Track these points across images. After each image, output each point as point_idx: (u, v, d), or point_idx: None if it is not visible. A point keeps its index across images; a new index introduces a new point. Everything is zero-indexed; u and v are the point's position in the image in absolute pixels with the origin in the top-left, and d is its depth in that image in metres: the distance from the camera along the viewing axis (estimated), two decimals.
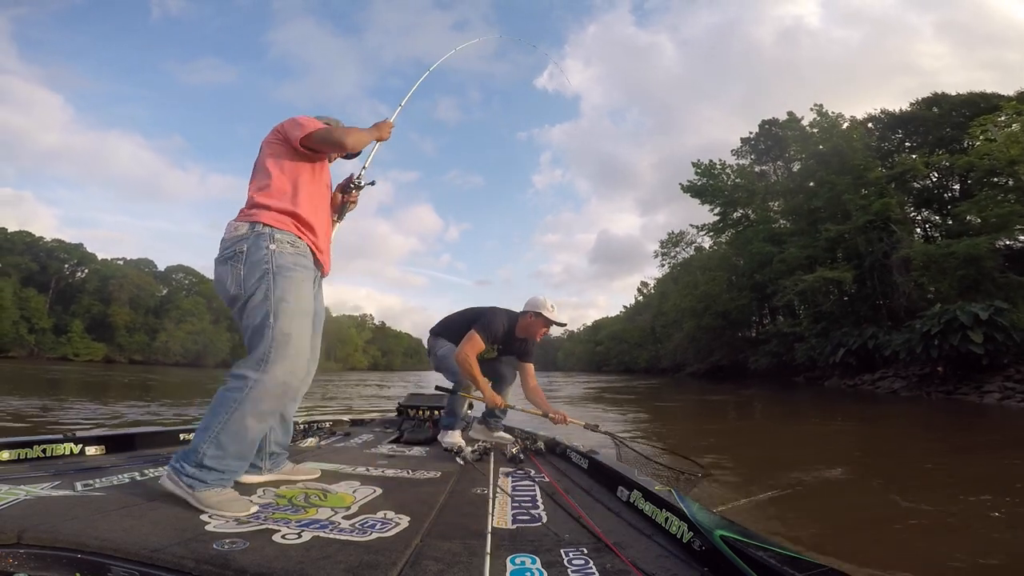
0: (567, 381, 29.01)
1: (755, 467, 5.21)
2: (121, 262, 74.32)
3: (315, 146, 2.28)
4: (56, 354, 59.76)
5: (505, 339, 3.82)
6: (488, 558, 1.45)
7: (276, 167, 2.22)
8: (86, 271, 69.95)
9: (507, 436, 3.82)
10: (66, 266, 68.96)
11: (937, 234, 27.45)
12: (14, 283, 59.40)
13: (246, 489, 2.14)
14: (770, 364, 30.22)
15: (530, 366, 3.95)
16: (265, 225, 2.09)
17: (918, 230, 28.45)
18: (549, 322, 3.78)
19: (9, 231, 65.67)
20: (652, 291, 64.13)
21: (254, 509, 1.84)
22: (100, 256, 72.85)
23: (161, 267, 78.62)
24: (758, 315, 38.29)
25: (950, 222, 25.50)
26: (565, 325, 3.79)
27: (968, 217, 21.39)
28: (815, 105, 33.04)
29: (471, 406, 4.53)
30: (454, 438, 3.56)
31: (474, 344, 3.57)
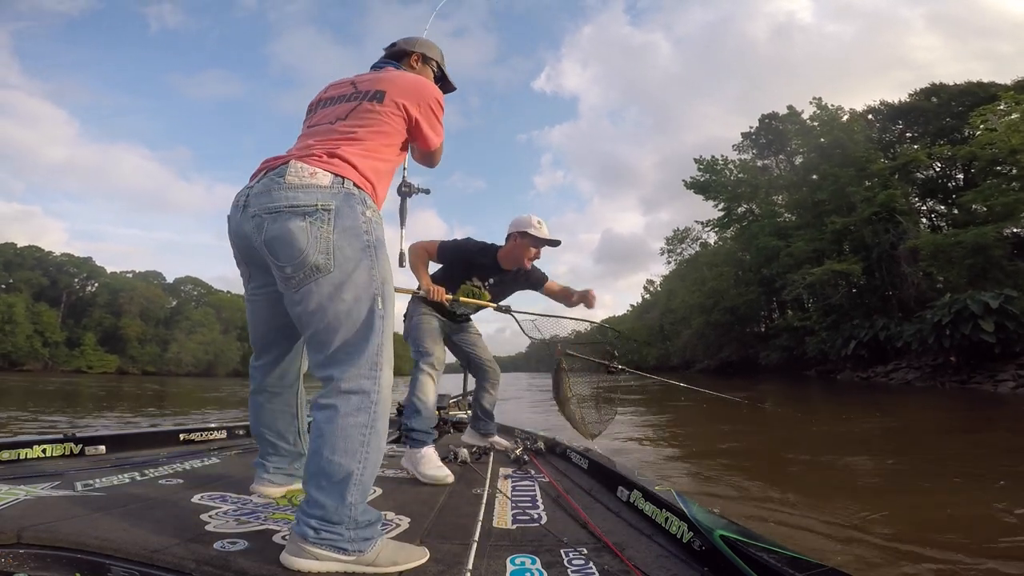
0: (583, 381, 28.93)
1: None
2: (130, 275, 74.87)
3: (435, 157, 2.00)
4: (70, 367, 60.29)
5: (486, 268, 3.22)
6: (488, 559, 1.46)
7: (384, 139, 1.70)
8: (96, 285, 70.51)
9: (501, 441, 3.45)
10: (76, 280, 69.57)
11: (943, 223, 27.61)
12: (26, 298, 59.98)
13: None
14: (781, 358, 30.38)
15: (550, 283, 3.45)
16: (355, 185, 1.56)
17: (924, 220, 28.57)
18: (538, 241, 3.12)
19: (19, 246, 66.30)
20: (659, 288, 64.33)
21: (427, 557, 1.48)
22: (109, 269, 73.51)
23: (169, 279, 79.19)
24: (766, 309, 38.43)
25: (955, 211, 25.65)
26: (558, 244, 3.20)
27: (974, 206, 21.53)
28: (814, 99, 33.31)
29: (460, 407, 4.40)
30: (428, 464, 2.58)
31: (427, 244, 3.13)
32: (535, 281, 3.41)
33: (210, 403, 14.36)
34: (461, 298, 3.08)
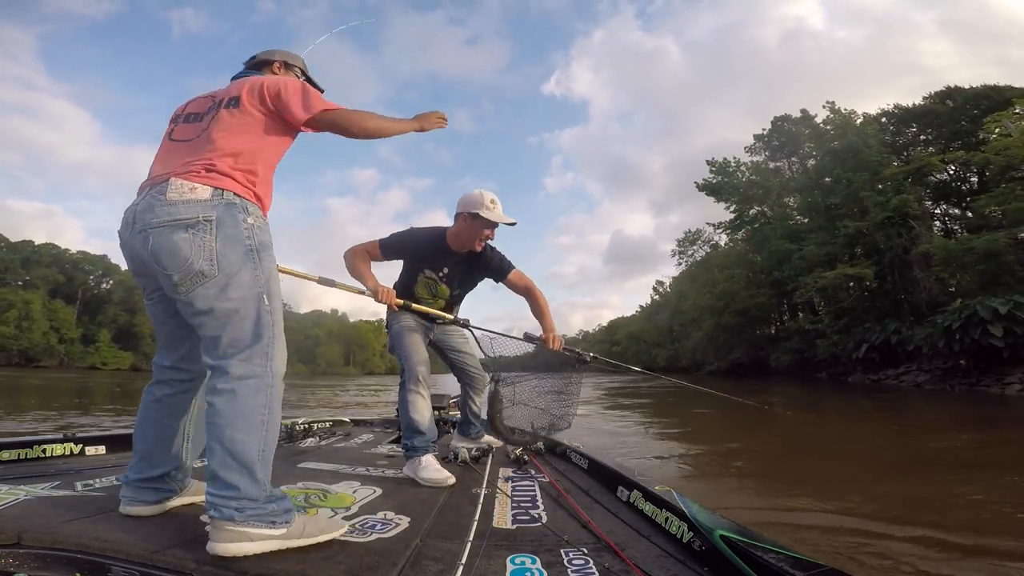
0: (590, 382, 28.71)
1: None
2: None
3: (323, 129, 1.87)
4: (85, 363, 61.11)
5: (436, 256, 2.95)
6: (488, 558, 1.46)
7: (253, 140, 1.75)
8: (111, 282, 71.43)
9: (495, 440, 3.37)
10: (91, 277, 70.55)
11: (957, 227, 27.56)
12: (43, 295, 60.88)
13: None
14: (791, 361, 30.40)
15: (515, 273, 3.07)
16: (236, 195, 1.65)
17: (937, 223, 28.56)
18: (489, 223, 2.79)
19: (36, 243, 67.32)
20: (668, 290, 64.31)
21: (346, 527, 1.66)
22: (124, 267, 74.28)
23: None
24: (777, 312, 38.40)
25: (969, 214, 25.60)
26: (514, 224, 2.87)
27: (988, 210, 21.45)
28: (827, 103, 33.37)
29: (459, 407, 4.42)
30: (428, 468, 2.57)
31: (367, 245, 2.89)
32: (496, 269, 3.05)
33: None
34: (413, 305, 2.86)
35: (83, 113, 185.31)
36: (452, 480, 2.50)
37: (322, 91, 1.96)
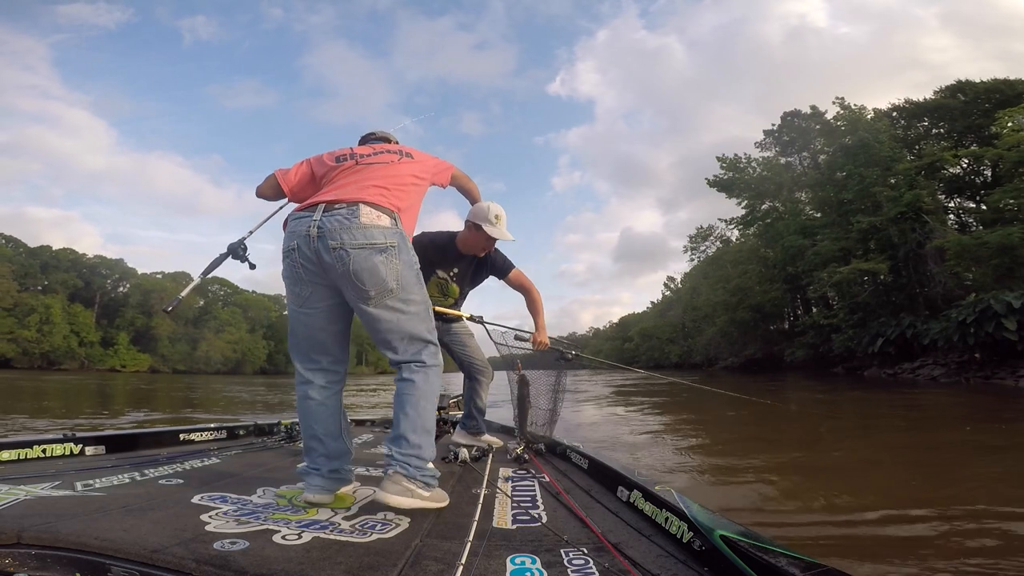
0: (600, 380, 27.87)
1: None
2: (160, 275, 76.69)
3: (459, 182, 2.67)
4: (104, 366, 62.26)
5: (447, 259, 3.23)
6: (488, 558, 1.46)
7: (416, 198, 2.25)
8: (128, 285, 72.48)
9: (495, 440, 3.50)
10: (108, 281, 71.60)
11: (971, 220, 27.62)
12: (62, 299, 61.88)
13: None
14: (806, 356, 30.63)
15: (515, 272, 3.34)
16: (402, 227, 2.10)
17: (951, 216, 28.55)
18: (491, 241, 3.09)
19: (54, 248, 68.34)
20: (679, 286, 64.42)
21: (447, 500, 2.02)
22: (140, 271, 75.47)
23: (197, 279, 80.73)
24: (791, 307, 38.58)
25: (983, 207, 25.73)
26: (513, 240, 3.07)
27: (1002, 204, 21.56)
28: (837, 98, 33.40)
29: (460, 407, 4.33)
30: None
31: None
32: (499, 268, 3.34)
33: (250, 405, 14.11)
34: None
35: (99, 122, 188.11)
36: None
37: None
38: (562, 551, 1.52)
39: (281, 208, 2.50)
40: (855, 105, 32.60)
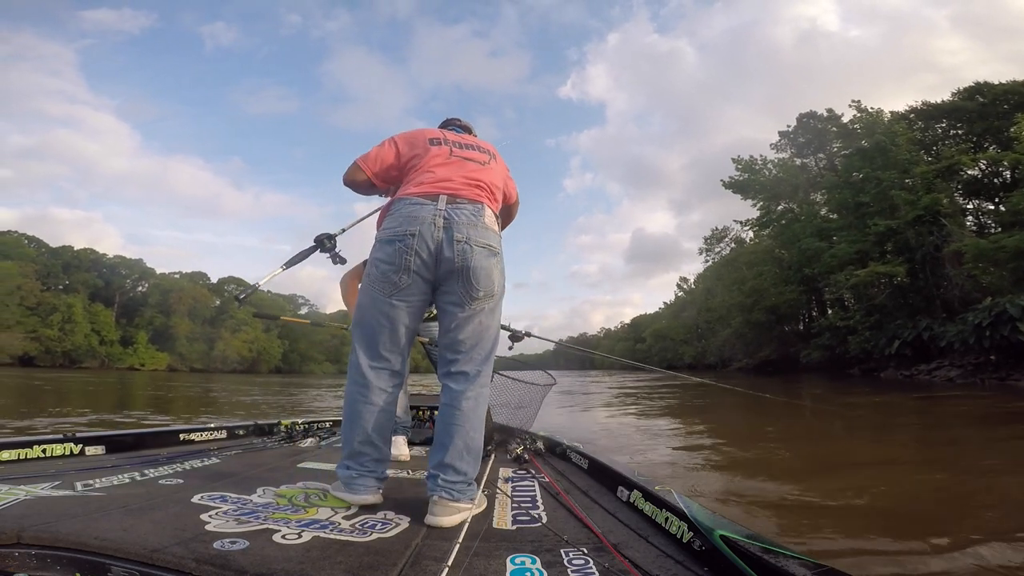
0: (615, 381, 26.78)
1: None
2: (178, 275, 77.67)
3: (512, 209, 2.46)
4: (124, 364, 63.10)
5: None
6: (488, 558, 1.46)
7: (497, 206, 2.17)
8: (147, 285, 73.57)
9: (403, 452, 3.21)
10: (128, 281, 72.71)
11: (990, 221, 27.62)
12: (83, 298, 62.97)
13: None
14: (822, 357, 30.72)
15: None
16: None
17: (970, 218, 28.59)
18: None
19: (75, 248, 69.55)
20: (692, 287, 64.40)
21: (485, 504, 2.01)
22: (159, 271, 76.58)
23: (213, 279, 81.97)
24: (807, 309, 38.59)
25: (1003, 208, 25.71)
26: None
27: (1022, 206, 21.57)
28: (853, 101, 33.55)
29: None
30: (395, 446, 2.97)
31: (360, 270, 2.97)
32: None
33: (270, 407, 13.67)
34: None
35: (123, 126, 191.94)
36: (407, 457, 2.98)
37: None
38: (562, 551, 1.53)
39: (375, 211, 2.42)
40: (872, 108, 32.69)
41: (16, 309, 56.05)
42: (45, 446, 2.66)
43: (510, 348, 3.50)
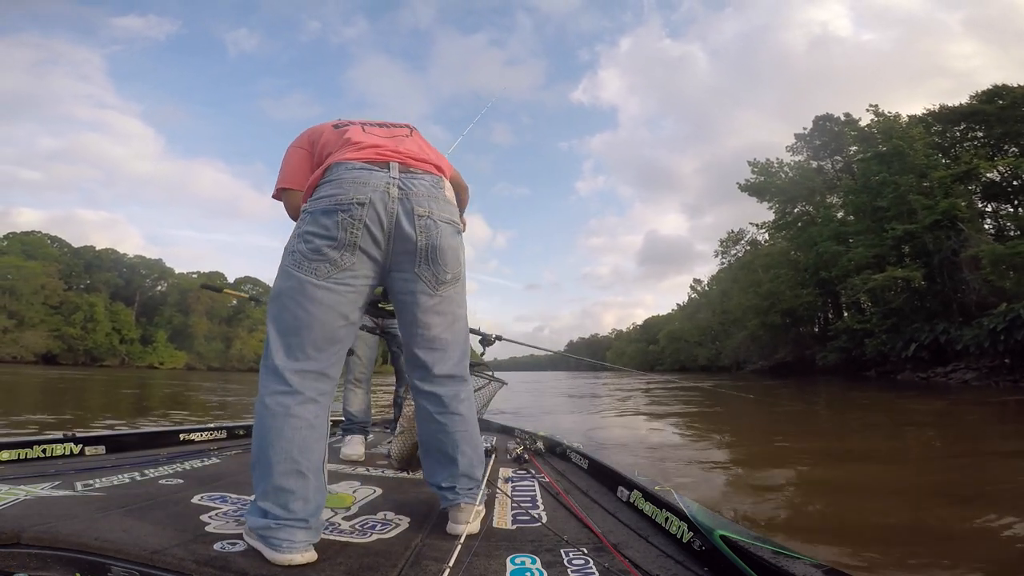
0: (630, 383, 25.10)
1: None
2: (195, 275, 78.78)
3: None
4: (143, 363, 64.54)
5: None
6: (488, 558, 1.46)
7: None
8: (166, 285, 74.87)
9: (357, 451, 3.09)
10: (147, 280, 74.03)
11: (1010, 224, 27.59)
12: (104, 298, 64.36)
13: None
14: (838, 360, 30.83)
15: None
16: None
17: (989, 221, 28.58)
18: None
19: (97, 249, 70.98)
20: (706, 288, 64.31)
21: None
22: (177, 271, 77.92)
23: (230, 279, 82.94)
24: (823, 312, 38.62)
25: (1022, 212, 25.73)
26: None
27: None
28: (871, 106, 33.58)
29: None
30: (350, 444, 3.04)
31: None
32: None
33: None
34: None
35: (149, 130, 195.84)
36: (361, 457, 2.96)
37: None
38: (562, 551, 1.52)
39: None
40: (889, 112, 32.69)
41: (40, 308, 57.32)
42: (45, 446, 2.64)
43: (482, 354, 3.38)
